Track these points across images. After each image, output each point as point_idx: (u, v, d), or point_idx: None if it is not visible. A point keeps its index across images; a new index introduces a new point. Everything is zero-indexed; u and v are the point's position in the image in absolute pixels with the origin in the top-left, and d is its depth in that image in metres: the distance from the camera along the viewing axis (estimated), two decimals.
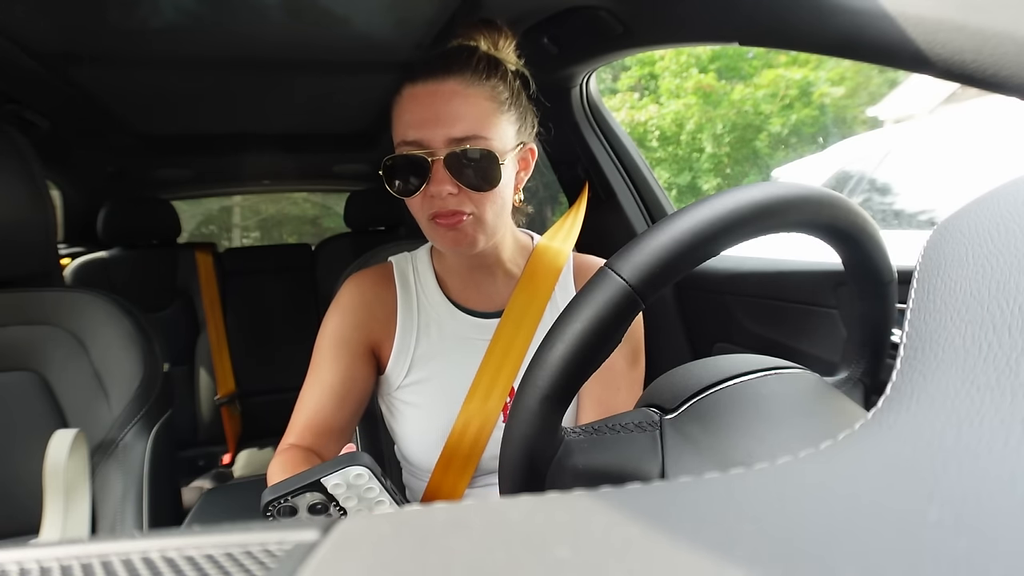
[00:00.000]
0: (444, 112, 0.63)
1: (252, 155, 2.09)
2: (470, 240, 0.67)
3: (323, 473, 0.46)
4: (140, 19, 1.00)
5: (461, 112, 0.63)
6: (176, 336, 2.02)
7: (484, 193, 0.64)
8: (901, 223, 2.26)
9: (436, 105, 0.63)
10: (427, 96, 0.64)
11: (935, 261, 0.26)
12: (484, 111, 0.64)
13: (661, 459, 0.38)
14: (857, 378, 0.47)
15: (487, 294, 0.77)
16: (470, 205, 0.65)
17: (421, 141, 0.63)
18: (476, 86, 0.64)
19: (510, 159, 0.67)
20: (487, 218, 0.66)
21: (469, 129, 0.63)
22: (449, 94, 0.63)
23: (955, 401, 0.20)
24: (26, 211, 0.86)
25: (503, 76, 0.67)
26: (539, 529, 0.17)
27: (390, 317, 0.75)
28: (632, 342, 0.76)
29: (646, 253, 0.36)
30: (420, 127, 0.63)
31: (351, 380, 0.72)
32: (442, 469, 0.71)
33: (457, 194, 0.64)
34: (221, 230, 6.44)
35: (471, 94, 0.64)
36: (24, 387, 0.85)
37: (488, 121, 0.64)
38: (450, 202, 0.64)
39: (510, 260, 0.77)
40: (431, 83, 0.64)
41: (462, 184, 0.63)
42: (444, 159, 0.62)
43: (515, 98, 0.68)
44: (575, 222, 0.89)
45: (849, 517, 0.17)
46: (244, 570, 0.16)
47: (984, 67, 0.45)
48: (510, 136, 0.67)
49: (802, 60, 8.15)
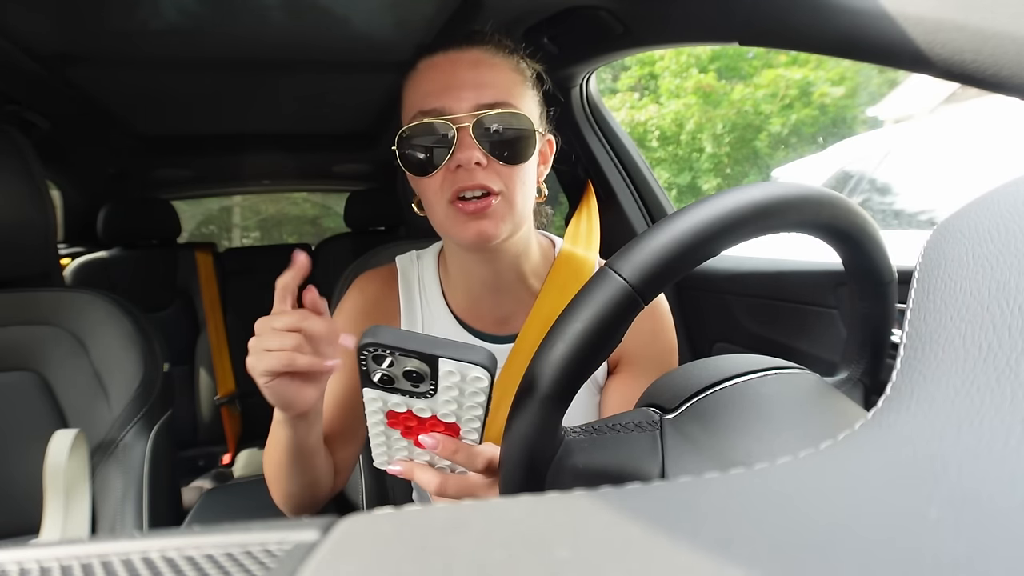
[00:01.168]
0: (470, 77, 0.56)
1: (252, 155, 2.09)
2: (496, 228, 0.58)
3: (445, 353, 0.41)
4: (140, 20, 1.00)
5: (488, 78, 0.57)
6: (176, 336, 2.02)
7: (514, 168, 0.57)
8: (901, 223, 2.27)
9: (460, 71, 0.57)
10: (449, 64, 0.58)
11: (935, 261, 0.26)
12: (512, 80, 0.59)
13: (661, 459, 0.38)
14: (857, 378, 0.47)
15: (500, 314, 0.69)
16: (499, 182, 0.57)
17: (443, 109, 0.56)
18: (501, 56, 0.59)
19: (537, 142, 0.60)
20: (516, 199, 0.59)
21: (498, 95, 0.56)
22: (474, 62, 0.58)
23: (955, 401, 0.20)
24: (26, 211, 0.86)
25: (522, 58, 0.63)
26: (539, 529, 0.17)
27: (393, 323, 0.71)
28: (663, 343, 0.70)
29: (646, 253, 0.36)
30: (442, 94, 0.56)
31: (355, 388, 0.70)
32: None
33: (486, 166, 0.57)
34: (221, 230, 6.45)
35: (497, 63, 0.58)
36: (24, 387, 0.85)
37: (517, 91, 0.59)
38: (478, 175, 0.56)
39: (532, 273, 0.69)
40: (452, 52, 0.58)
41: (491, 154, 0.56)
42: (472, 126, 0.56)
43: (535, 81, 0.63)
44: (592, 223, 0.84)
45: (849, 517, 0.17)
46: (244, 570, 0.16)
47: (984, 67, 0.45)
48: (536, 116, 0.61)
49: (802, 60, 8.16)
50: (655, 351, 0.69)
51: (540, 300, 0.68)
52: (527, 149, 0.58)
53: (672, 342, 0.70)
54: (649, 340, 0.68)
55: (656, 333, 0.69)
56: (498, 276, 0.66)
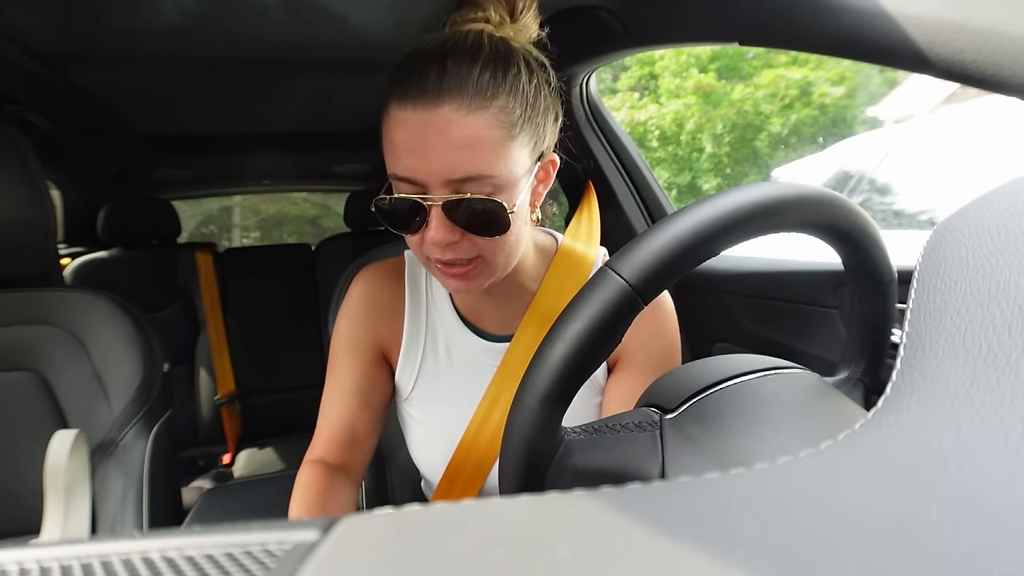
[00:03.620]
0: (438, 148, 0.51)
1: (252, 155, 2.09)
2: (477, 285, 0.59)
3: None
4: (140, 20, 1.00)
5: (459, 148, 0.51)
6: (176, 336, 2.02)
7: (491, 239, 0.55)
8: (901, 223, 2.27)
9: (429, 138, 0.51)
10: (419, 124, 0.51)
11: (935, 261, 0.26)
12: (488, 143, 0.52)
13: (661, 459, 0.38)
14: (857, 378, 0.47)
15: (502, 315, 0.70)
16: (475, 249, 0.56)
17: (414, 179, 0.53)
18: (478, 112, 0.51)
19: (524, 189, 0.56)
20: (498, 262, 0.58)
21: (470, 169, 0.51)
22: (444, 125, 0.50)
23: (955, 401, 0.20)
24: (26, 211, 0.86)
25: (515, 83, 0.53)
26: (539, 529, 0.17)
27: (397, 320, 0.71)
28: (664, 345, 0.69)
29: (646, 253, 0.36)
30: (412, 162, 0.53)
31: (370, 385, 0.70)
32: (446, 487, 0.71)
33: (459, 240, 0.55)
34: (221, 230, 6.45)
35: (471, 123, 0.51)
36: (24, 387, 0.85)
37: (494, 155, 0.52)
38: (452, 250, 0.55)
39: (531, 279, 0.69)
40: (421, 109, 0.51)
41: (465, 230, 0.54)
42: (443, 205, 0.53)
43: (531, 109, 0.55)
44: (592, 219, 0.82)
45: (849, 517, 0.17)
46: (244, 570, 0.16)
47: (984, 67, 0.45)
48: (523, 160, 0.55)
49: (802, 60, 8.16)
50: (657, 350, 0.68)
51: (537, 299, 0.69)
52: (503, 223, 0.54)
53: (674, 341, 0.70)
54: (651, 339, 0.68)
55: (658, 332, 0.68)
56: (494, 290, 0.65)
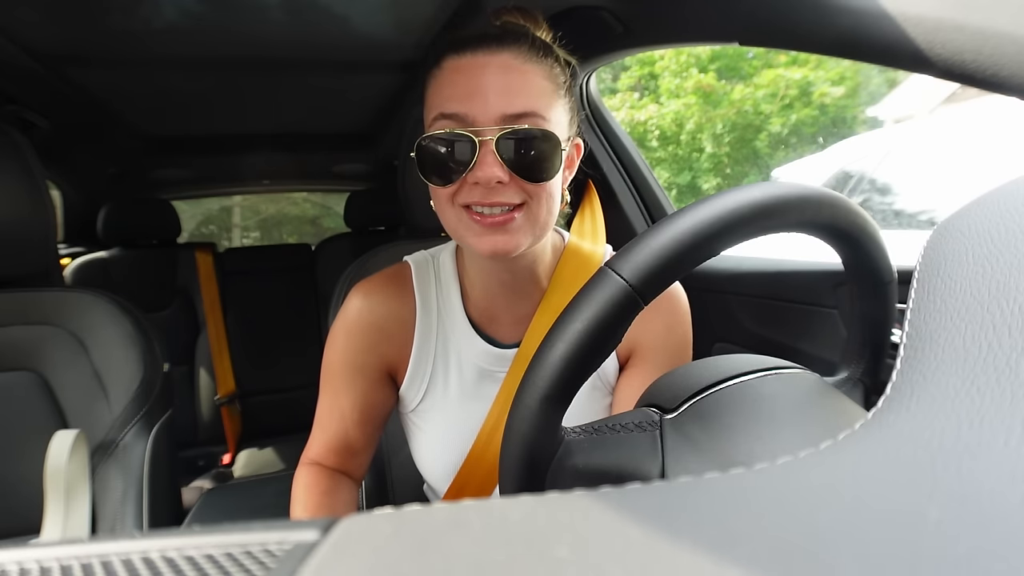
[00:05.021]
0: (497, 85, 0.52)
1: (252, 155, 2.09)
2: (516, 242, 0.56)
3: None
4: (140, 19, 1.00)
5: (517, 86, 0.53)
6: (176, 336, 2.02)
7: (539, 184, 0.54)
8: (901, 223, 2.27)
9: (487, 77, 0.53)
10: (476, 68, 0.53)
11: (935, 261, 0.26)
12: (543, 89, 0.54)
13: (661, 459, 0.38)
14: (857, 378, 0.47)
15: (514, 317, 0.68)
16: (521, 195, 0.54)
17: (465, 116, 0.53)
18: (533, 62, 0.54)
19: (565, 149, 0.57)
20: (540, 213, 0.56)
21: (527, 105, 0.53)
22: (504, 67, 0.53)
23: (955, 401, 0.20)
24: (26, 211, 0.86)
25: (557, 60, 0.58)
26: (539, 529, 0.17)
27: (405, 335, 0.68)
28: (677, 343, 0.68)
29: (646, 253, 0.36)
30: (466, 100, 0.53)
31: (370, 404, 0.68)
32: (455, 496, 0.70)
33: (507, 183, 0.53)
34: (221, 230, 6.45)
35: (528, 70, 0.54)
36: (24, 387, 0.85)
37: (547, 101, 0.54)
38: (496, 193, 0.53)
39: (545, 275, 0.68)
40: (480, 55, 0.53)
41: (514, 171, 0.53)
42: (496, 140, 0.52)
43: (568, 82, 0.59)
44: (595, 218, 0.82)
45: (849, 517, 0.17)
46: (244, 570, 0.16)
47: (984, 67, 0.45)
48: (565, 124, 0.57)
49: (802, 60, 8.16)
50: (671, 345, 0.67)
51: (546, 298, 0.67)
52: (554, 166, 0.54)
53: (687, 336, 0.69)
54: (665, 334, 0.67)
55: (672, 327, 0.67)
56: (514, 278, 0.64)
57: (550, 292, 0.67)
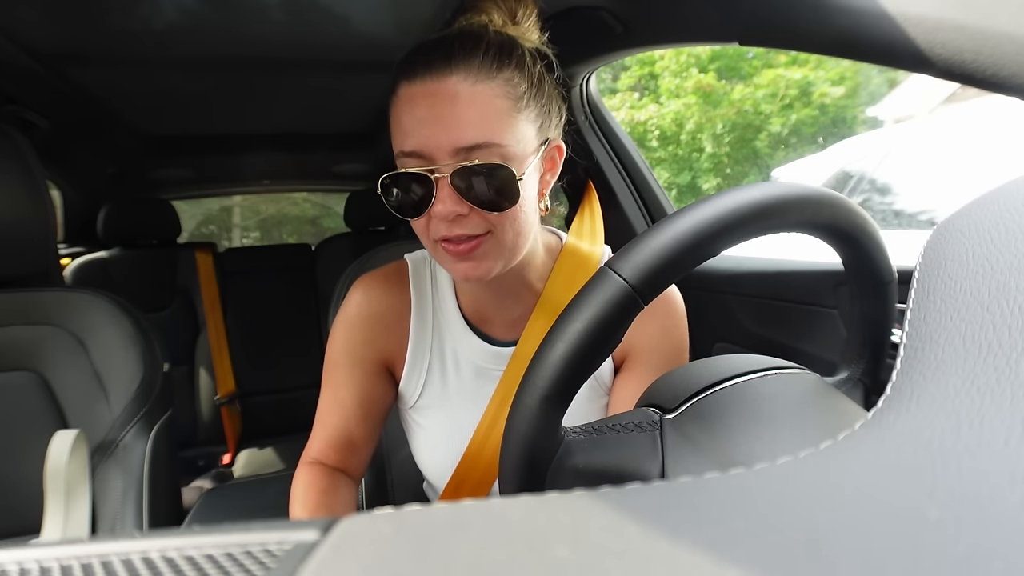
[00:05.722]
0: (446, 117, 0.52)
1: (252, 155, 2.09)
2: (486, 268, 0.57)
3: None
4: (140, 19, 1.00)
5: (467, 116, 0.52)
6: (176, 336, 2.02)
7: (501, 213, 0.54)
8: (901, 223, 2.27)
9: (437, 108, 0.52)
10: (425, 97, 0.53)
11: (935, 261, 0.26)
12: (496, 112, 0.53)
13: (661, 459, 0.38)
14: (857, 378, 0.47)
15: (509, 318, 0.68)
16: (485, 224, 0.55)
17: (421, 152, 0.53)
18: (485, 81, 0.53)
19: (532, 165, 0.56)
20: (507, 239, 0.56)
21: (478, 136, 0.52)
22: (451, 95, 0.52)
23: (955, 401, 0.20)
24: (26, 211, 0.86)
25: (519, 63, 0.56)
26: (539, 529, 0.17)
27: (402, 329, 0.69)
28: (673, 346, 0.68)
29: (646, 253, 0.36)
30: (419, 135, 0.53)
31: (370, 398, 0.69)
32: (453, 492, 0.70)
33: (468, 215, 0.54)
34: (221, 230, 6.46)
35: (479, 92, 0.53)
36: (24, 387, 0.85)
37: (502, 124, 0.53)
38: (460, 225, 0.54)
39: (539, 278, 0.68)
40: (430, 81, 0.53)
41: (473, 204, 0.53)
42: (450, 176, 0.52)
43: (536, 89, 0.57)
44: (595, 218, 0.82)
45: (849, 517, 0.17)
46: (244, 570, 0.16)
47: (984, 67, 0.45)
48: (530, 137, 0.56)
49: (802, 60, 8.17)
50: (667, 348, 0.67)
51: (542, 300, 0.68)
52: (513, 193, 0.54)
53: (684, 339, 0.69)
54: (661, 337, 0.67)
55: (668, 330, 0.67)
56: (501, 285, 0.65)
57: (547, 292, 0.68)
